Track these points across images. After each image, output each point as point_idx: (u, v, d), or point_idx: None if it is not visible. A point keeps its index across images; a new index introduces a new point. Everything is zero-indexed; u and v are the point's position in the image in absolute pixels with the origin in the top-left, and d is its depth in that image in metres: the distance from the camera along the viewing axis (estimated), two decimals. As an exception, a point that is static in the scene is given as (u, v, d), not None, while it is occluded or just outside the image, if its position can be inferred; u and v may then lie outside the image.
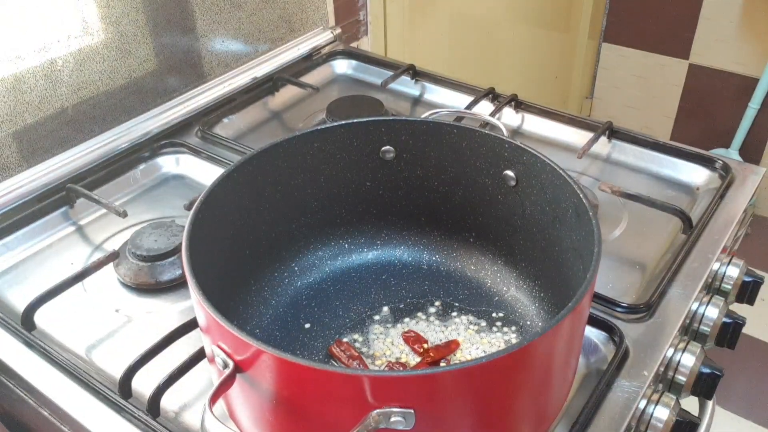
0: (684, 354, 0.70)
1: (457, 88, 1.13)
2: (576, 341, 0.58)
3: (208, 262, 0.59)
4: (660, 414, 0.64)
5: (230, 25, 1.11)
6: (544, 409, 0.57)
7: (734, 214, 0.85)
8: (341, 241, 0.78)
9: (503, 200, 0.71)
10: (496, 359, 0.47)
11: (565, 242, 0.65)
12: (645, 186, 0.93)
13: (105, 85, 0.96)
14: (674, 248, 0.81)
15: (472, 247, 0.76)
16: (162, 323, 0.73)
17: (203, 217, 0.60)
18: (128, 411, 0.62)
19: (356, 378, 0.46)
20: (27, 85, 0.87)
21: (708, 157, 0.95)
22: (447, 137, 0.71)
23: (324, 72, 1.22)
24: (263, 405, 0.51)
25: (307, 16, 1.24)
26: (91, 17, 0.91)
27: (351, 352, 0.66)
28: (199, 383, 0.65)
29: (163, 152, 0.98)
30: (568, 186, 0.62)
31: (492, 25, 1.86)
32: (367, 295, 0.74)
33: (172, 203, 0.91)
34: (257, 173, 0.68)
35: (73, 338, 0.71)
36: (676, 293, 0.74)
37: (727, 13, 2.11)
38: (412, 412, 0.47)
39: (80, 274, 0.74)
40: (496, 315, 0.71)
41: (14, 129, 0.87)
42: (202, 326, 0.55)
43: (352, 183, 0.75)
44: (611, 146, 1.00)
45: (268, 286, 0.73)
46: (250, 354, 0.48)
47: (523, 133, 1.05)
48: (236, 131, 1.06)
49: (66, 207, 0.89)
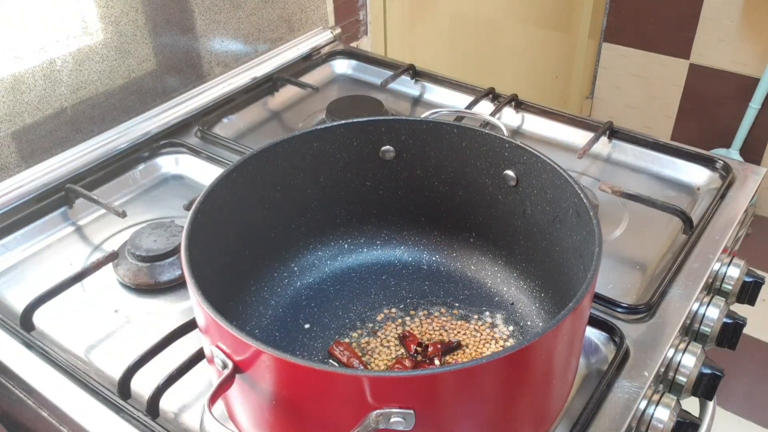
0: (685, 354, 0.70)
1: (457, 88, 1.13)
2: (576, 342, 0.58)
3: (207, 263, 0.58)
4: (661, 415, 0.64)
5: (230, 25, 1.10)
6: (544, 409, 0.57)
7: (735, 214, 0.85)
8: (341, 241, 0.78)
9: (503, 200, 0.71)
10: (497, 359, 0.47)
11: (566, 242, 0.65)
12: (645, 186, 0.93)
13: (104, 85, 0.96)
14: (675, 248, 0.81)
15: (472, 247, 0.76)
16: (161, 324, 0.72)
17: (202, 217, 0.60)
18: (127, 412, 0.62)
19: (356, 378, 0.46)
20: (26, 85, 0.87)
21: (708, 157, 0.95)
22: (447, 137, 0.71)
23: (324, 72, 1.21)
24: (263, 405, 0.51)
25: (307, 16, 1.24)
26: (90, 17, 0.91)
27: (351, 353, 0.66)
28: (199, 384, 0.65)
29: (162, 152, 0.98)
30: (568, 186, 0.62)
31: (492, 25, 1.86)
32: (367, 295, 0.74)
33: (172, 203, 0.91)
34: (257, 173, 0.67)
35: (73, 339, 0.71)
36: (677, 294, 0.74)
37: (728, 12, 2.11)
38: (412, 413, 0.46)
39: (79, 274, 0.74)
40: (497, 315, 0.71)
41: (13, 129, 0.87)
42: (202, 327, 0.55)
43: (352, 183, 0.75)
44: (611, 146, 1.00)
45: (268, 286, 0.72)
46: (249, 354, 0.48)
47: (523, 133, 1.05)
48: (236, 131, 1.06)
49: (65, 207, 0.88)
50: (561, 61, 2.29)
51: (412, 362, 0.65)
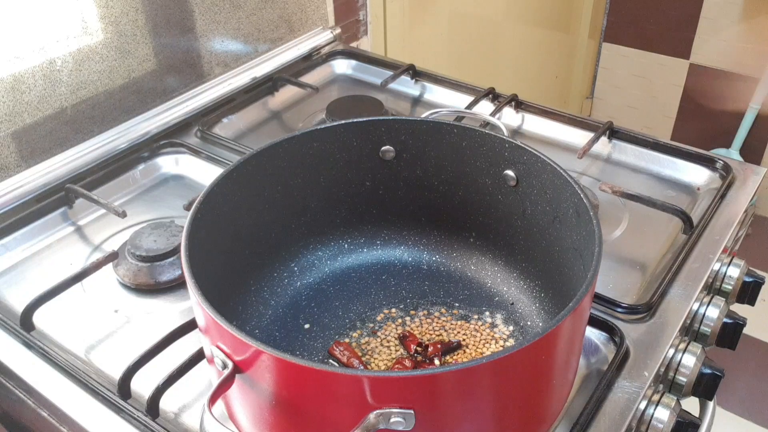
0: (685, 354, 0.70)
1: (457, 88, 1.13)
2: (577, 342, 0.58)
3: (207, 263, 0.58)
4: (661, 415, 0.64)
5: (230, 25, 1.10)
6: (544, 409, 0.57)
7: (735, 214, 0.85)
8: (341, 241, 0.78)
9: (503, 200, 0.71)
10: (497, 360, 0.47)
11: (566, 242, 0.65)
12: (645, 186, 0.93)
13: (104, 85, 0.96)
14: (675, 248, 0.81)
15: (472, 247, 0.76)
16: (161, 324, 0.72)
17: (202, 217, 0.60)
18: (127, 412, 0.62)
19: (356, 378, 0.46)
20: (26, 85, 0.87)
21: (709, 157, 0.94)
22: (447, 137, 0.71)
23: (324, 72, 1.21)
24: (262, 406, 0.51)
25: (307, 16, 1.24)
26: (90, 17, 0.91)
27: (351, 353, 0.66)
28: (199, 384, 0.65)
29: (162, 152, 0.98)
30: (568, 186, 0.62)
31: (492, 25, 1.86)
32: (366, 295, 0.74)
33: (172, 203, 0.91)
34: (256, 173, 0.67)
35: (72, 339, 0.71)
36: (677, 294, 0.74)
37: (728, 12, 2.11)
38: (412, 413, 0.46)
39: (79, 274, 0.74)
40: (497, 315, 0.71)
41: (13, 129, 0.87)
42: (201, 327, 0.55)
43: (352, 183, 0.75)
44: (611, 146, 1.00)
45: (268, 286, 0.72)
46: (249, 354, 0.48)
47: (523, 133, 1.05)
48: (236, 131, 1.06)
49: (65, 207, 0.88)
50: (561, 61, 2.29)
51: (412, 362, 0.65)
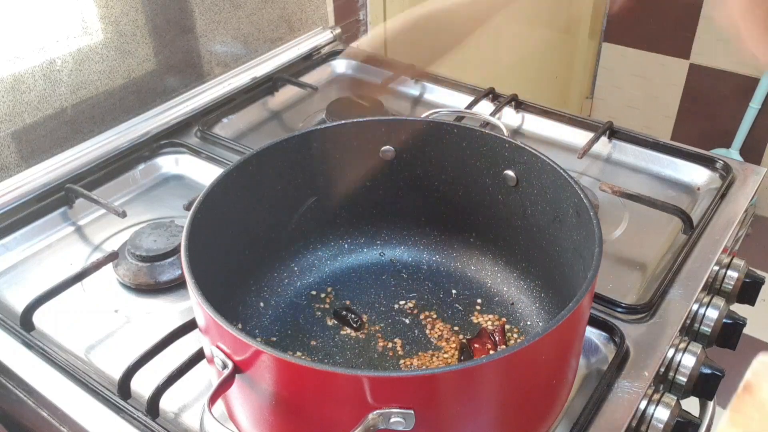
0: (685, 354, 0.70)
1: (457, 88, 1.13)
2: (577, 342, 0.58)
3: (207, 263, 0.58)
4: (660, 415, 0.64)
5: (230, 25, 1.10)
6: (544, 409, 0.57)
7: (735, 214, 0.85)
8: (341, 241, 0.78)
9: (503, 200, 0.71)
10: (497, 359, 0.47)
11: (566, 242, 0.65)
12: (645, 186, 0.93)
13: (104, 85, 0.96)
14: (675, 248, 0.81)
15: (473, 247, 0.76)
16: (161, 324, 0.72)
17: (202, 217, 0.60)
18: (127, 412, 0.62)
19: (356, 378, 0.46)
20: (26, 85, 0.87)
21: (709, 157, 0.94)
22: (447, 137, 0.71)
23: (323, 72, 1.21)
24: (262, 406, 0.51)
25: (307, 15, 1.24)
26: (90, 17, 0.91)
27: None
28: (199, 384, 0.65)
29: (162, 152, 0.98)
30: (568, 186, 0.62)
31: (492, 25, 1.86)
32: (367, 295, 0.74)
33: (172, 203, 0.91)
34: (256, 173, 0.67)
35: (72, 339, 0.71)
36: (677, 294, 0.74)
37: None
38: (412, 413, 0.46)
39: (79, 274, 0.74)
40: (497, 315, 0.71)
41: (13, 129, 0.87)
42: (201, 327, 0.55)
43: (352, 183, 0.75)
44: (612, 146, 0.99)
45: (268, 286, 0.72)
46: (249, 354, 0.48)
47: (523, 133, 1.05)
48: (236, 131, 1.06)
49: (65, 207, 0.88)
50: (561, 61, 2.29)
51: (491, 343, 0.66)
